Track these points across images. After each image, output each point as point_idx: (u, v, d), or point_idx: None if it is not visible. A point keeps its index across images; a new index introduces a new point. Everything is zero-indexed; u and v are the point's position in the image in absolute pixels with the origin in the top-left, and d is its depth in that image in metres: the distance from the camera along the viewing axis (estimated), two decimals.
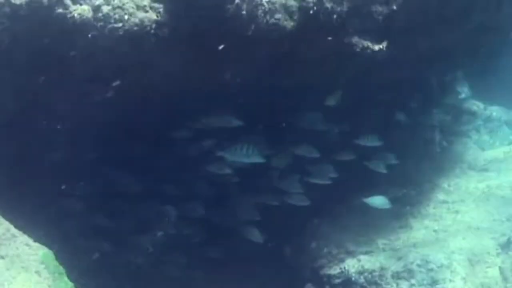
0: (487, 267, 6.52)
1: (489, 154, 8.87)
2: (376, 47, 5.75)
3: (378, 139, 6.77)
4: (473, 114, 9.54)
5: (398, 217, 7.12)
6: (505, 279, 6.53)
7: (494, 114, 10.26)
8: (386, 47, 5.81)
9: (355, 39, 5.68)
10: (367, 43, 5.70)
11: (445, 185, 7.86)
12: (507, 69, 10.48)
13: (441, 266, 6.34)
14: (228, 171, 6.45)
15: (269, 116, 6.73)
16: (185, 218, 6.69)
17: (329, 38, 5.57)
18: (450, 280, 6.22)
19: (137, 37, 4.90)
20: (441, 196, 7.70)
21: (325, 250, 6.79)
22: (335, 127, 7.18)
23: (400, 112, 7.95)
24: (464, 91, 9.64)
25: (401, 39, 6.05)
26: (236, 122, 6.22)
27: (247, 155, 6.21)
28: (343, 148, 6.98)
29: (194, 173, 6.78)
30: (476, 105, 10.02)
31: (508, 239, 6.81)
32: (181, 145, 6.64)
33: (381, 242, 6.82)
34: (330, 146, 7.00)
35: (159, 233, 6.70)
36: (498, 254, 6.68)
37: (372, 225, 7.04)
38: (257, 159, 6.21)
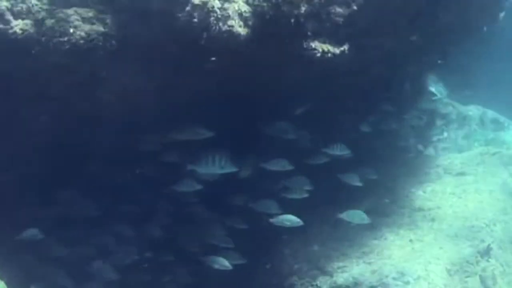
0: (467, 276, 6.27)
1: (466, 156, 8.60)
2: (337, 51, 5.48)
3: (347, 147, 6.45)
4: (448, 116, 9.30)
5: (371, 228, 6.77)
6: None
7: (471, 113, 10.03)
8: (348, 50, 5.55)
9: (314, 44, 5.39)
10: (327, 47, 5.41)
11: (421, 192, 7.57)
12: (483, 68, 10.37)
13: (418, 278, 6.04)
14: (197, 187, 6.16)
15: (233, 127, 6.41)
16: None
17: (287, 43, 5.29)
18: None
19: (83, 51, 4.67)
20: (416, 203, 7.38)
21: (296, 267, 6.45)
22: (306, 134, 6.94)
23: (372, 117, 7.66)
24: (439, 91, 9.45)
25: (365, 40, 5.81)
26: (208, 134, 5.97)
27: (220, 167, 5.94)
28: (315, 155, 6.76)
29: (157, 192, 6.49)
30: (452, 105, 9.82)
31: (488, 245, 6.55)
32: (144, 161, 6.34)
33: (354, 255, 6.48)
34: (302, 154, 6.75)
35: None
36: (478, 262, 6.43)
37: (345, 238, 6.71)
38: (230, 169, 5.97)
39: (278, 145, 6.61)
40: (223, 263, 5.98)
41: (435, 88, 9.39)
